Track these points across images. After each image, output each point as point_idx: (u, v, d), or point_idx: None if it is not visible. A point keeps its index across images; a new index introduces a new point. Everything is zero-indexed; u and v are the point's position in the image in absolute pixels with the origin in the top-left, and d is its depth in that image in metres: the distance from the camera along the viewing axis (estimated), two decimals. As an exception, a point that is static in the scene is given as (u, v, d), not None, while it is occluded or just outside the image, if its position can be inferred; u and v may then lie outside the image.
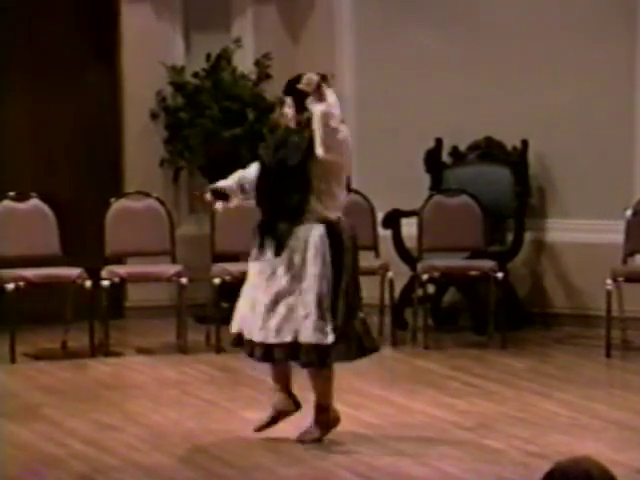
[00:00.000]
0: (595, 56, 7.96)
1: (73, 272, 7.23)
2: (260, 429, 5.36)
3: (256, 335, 5.21)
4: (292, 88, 5.39)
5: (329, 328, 5.13)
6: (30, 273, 7.18)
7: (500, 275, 7.47)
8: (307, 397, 5.42)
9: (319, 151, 5.15)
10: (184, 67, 8.53)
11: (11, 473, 4.88)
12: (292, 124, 5.36)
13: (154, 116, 8.52)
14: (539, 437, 5.37)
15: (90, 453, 5.14)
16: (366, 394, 6.26)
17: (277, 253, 5.19)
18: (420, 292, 7.61)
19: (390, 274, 7.63)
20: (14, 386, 6.46)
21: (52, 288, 7.28)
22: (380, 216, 8.04)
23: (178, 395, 6.23)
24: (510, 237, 8.02)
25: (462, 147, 8.34)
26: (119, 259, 7.66)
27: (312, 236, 5.15)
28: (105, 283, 7.27)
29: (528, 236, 8.07)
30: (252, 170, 5.55)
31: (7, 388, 6.43)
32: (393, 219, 8.10)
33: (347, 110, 8.67)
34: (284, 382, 5.42)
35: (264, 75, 8.49)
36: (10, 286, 7.07)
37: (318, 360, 5.18)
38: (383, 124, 8.52)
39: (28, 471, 4.89)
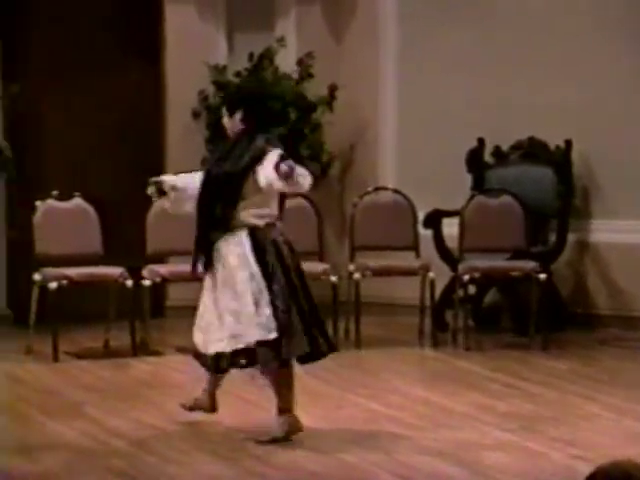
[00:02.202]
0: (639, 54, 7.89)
1: (115, 271, 7.26)
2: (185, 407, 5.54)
3: (213, 347, 5.35)
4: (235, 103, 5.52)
5: (271, 325, 5.22)
6: (73, 272, 7.22)
7: (543, 276, 7.41)
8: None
9: (277, 184, 5.20)
10: (226, 66, 8.55)
11: (53, 470, 4.90)
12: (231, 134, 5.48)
13: (196, 115, 8.54)
14: (581, 439, 5.32)
15: (130, 451, 5.16)
16: (407, 395, 6.24)
17: (206, 268, 5.40)
18: (461, 293, 7.57)
19: (431, 274, 7.59)
20: (56, 384, 6.50)
21: (94, 287, 7.32)
22: (421, 216, 8.01)
23: (218, 394, 6.22)
24: (553, 238, 7.96)
25: (505, 147, 8.28)
26: (160, 258, 7.69)
27: (235, 242, 5.31)
28: (146, 282, 7.29)
29: (571, 237, 8.00)
30: (197, 177, 5.53)
31: (50, 386, 6.47)
32: (434, 219, 8.06)
33: (389, 109, 8.70)
34: (215, 385, 5.57)
35: (306, 74, 8.49)
36: (53, 285, 7.11)
37: (267, 357, 5.26)
38: (425, 124, 8.49)
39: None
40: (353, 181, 8.83)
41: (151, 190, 5.59)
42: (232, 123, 5.50)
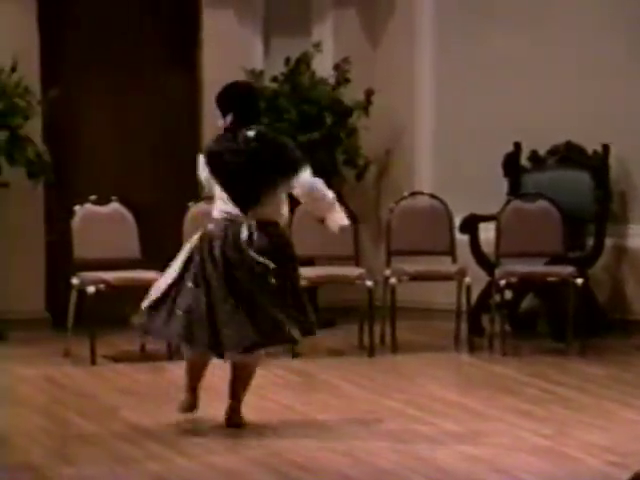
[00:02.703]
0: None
1: (152, 275, 7.26)
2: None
3: None
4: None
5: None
6: (110, 276, 7.26)
7: (579, 281, 7.36)
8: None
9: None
10: (263, 71, 8.57)
11: (91, 472, 4.92)
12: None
13: (232, 120, 8.54)
14: (618, 446, 5.28)
15: (166, 454, 5.18)
16: (442, 400, 6.22)
17: None
18: (498, 298, 7.55)
19: (467, 279, 7.57)
20: (93, 387, 6.54)
21: (132, 291, 7.34)
22: (457, 221, 7.99)
23: (254, 399, 6.23)
24: (590, 242, 7.91)
25: (541, 151, 8.24)
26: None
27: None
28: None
29: (609, 241, 7.95)
30: None
31: (87, 389, 6.51)
32: (471, 224, 8.03)
33: (426, 114, 8.68)
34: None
35: (343, 79, 8.49)
36: (91, 289, 7.15)
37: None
38: (461, 128, 8.47)
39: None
40: (389, 186, 8.82)
41: None
42: (224, 123, 5.71)
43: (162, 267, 7.26)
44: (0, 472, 4.90)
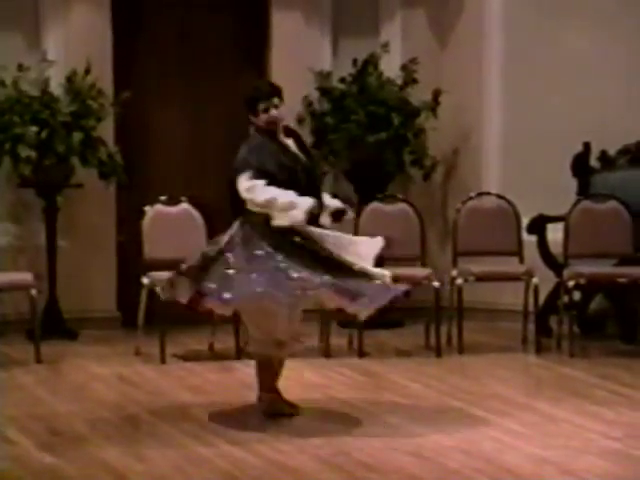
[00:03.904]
0: None
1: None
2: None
3: None
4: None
5: None
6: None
7: (650, 282, 7.29)
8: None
9: None
10: (331, 72, 8.59)
11: (162, 470, 4.99)
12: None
13: (300, 121, 8.59)
14: (689, 449, 5.23)
15: (235, 453, 5.22)
16: (510, 402, 6.19)
17: None
18: (566, 299, 7.49)
19: (535, 280, 7.53)
20: (163, 386, 6.61)
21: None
22: (525, 221, 7.95)
23: (322, 398, 6.27)
24: (661, 244, 7.82)
25: (611, 151, 8.17)
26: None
27: None
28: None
29: (680, 243, 7.85)
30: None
31: (157, 388, 6.58)
32: (539, 224, 7.99)
33: (494, 114, 8.64)
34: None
35: (410, 80, 8.48)
36: (159, 289, 7.22)
37: None
38: (530, 127, 8.42)
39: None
40: (456, 186, 8.79)
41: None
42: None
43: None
44: (76, 469, 4.98)
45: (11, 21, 8.13)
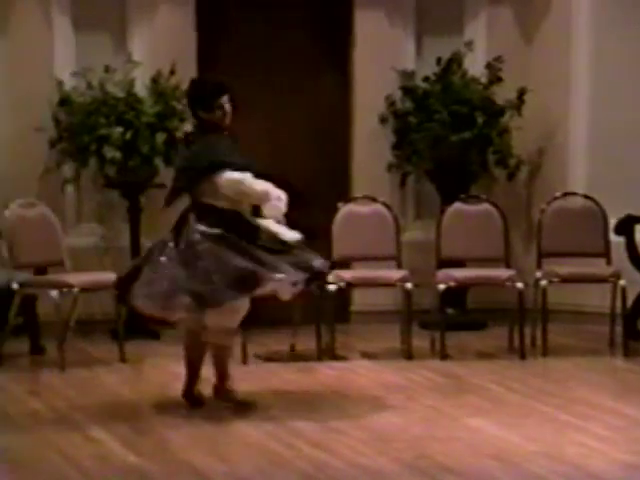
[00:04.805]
0: None
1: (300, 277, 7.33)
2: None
3: None
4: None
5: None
6: (260, 276, 7.32)
7: None
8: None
9: None
10: (414, 71, 8.54)
11: (243, 471, 4.98)
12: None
13: (383, 120, 8.56)
14: None
15: (316, 455, 5.20)
16: (596, 406, 6.08)
17: None
18: (655, 301, 7.35)
19: (622, 282, 7.39)
20: (245, 387, 6.61)
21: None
22: (613, 222, 7.80)
23: (403, 400, 6.23)
24: None
25: (702, 150, 8.00)
26: (345, 263, 7.73)
27: None
28: (331, 287, 7.34)
29: None
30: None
31: (239, 388, 6.57)
32: (627, 225, 7.83)
33: (580, 113, 8.50)
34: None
35: (495, 78, 8.39)
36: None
37: None
38: (617, 126, 8.28)
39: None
40: (541, 186, 8.68)
41: None
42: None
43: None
44: (159, 468, 5.01)
45: (98, 23, 8.23)
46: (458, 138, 8.20)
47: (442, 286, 7.37)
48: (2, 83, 8.05)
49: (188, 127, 6.79)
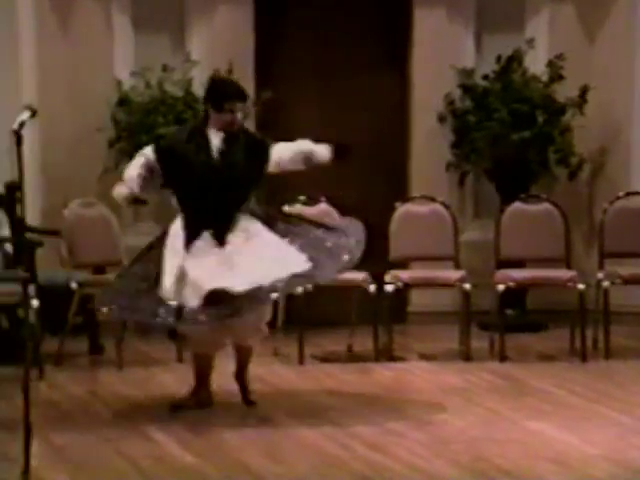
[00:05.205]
0: None
1: (358, 276, 7.30)
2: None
3: None
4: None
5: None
6: (317, 276, 7.30)
7: None
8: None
9: None
10: (474, 69, 8.47)
11: (300, 472, 4.96)
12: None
13: (441, 119, 8.50)
14: None
15: (373, 457, 5.17)
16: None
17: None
18: None
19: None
20: (302, 387, 6.61)
21: (338, 292, 7.39)
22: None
23: (461, 402, 6.17)
24: None
25: None
26: (403, 263, 7.68)
27: None
28: (389, 288, 7.29)
29: None
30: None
31: (295, 389, 6.58)
32: None
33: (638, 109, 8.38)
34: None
35: (556, 76, 8.29)
36: (299, 290, 7.20)
37: None
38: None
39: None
40: (604, 185, 8.55)
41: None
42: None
43: (367, 268, 7.31)
44: (216, 469, 5.01)
45: (157, 23, 8.28)
46: (518, 137, 8.11)
47: (501, 287, 7.29)
48: (63, 83, 8.11)
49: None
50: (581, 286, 7.28)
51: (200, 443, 5.41)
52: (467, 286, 7.30)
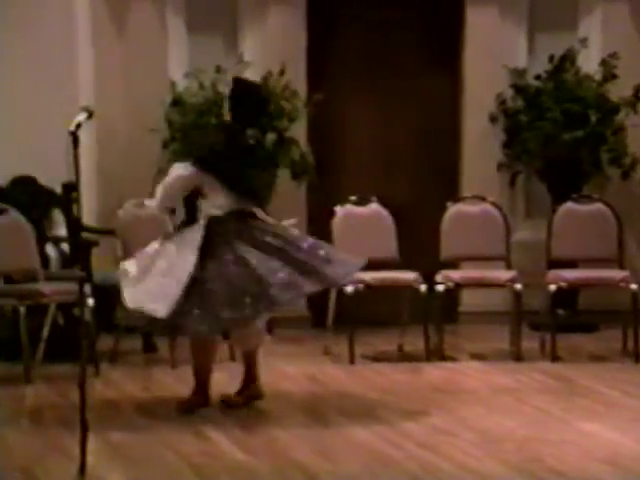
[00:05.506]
0: None
1: (409, 276, 7.32)
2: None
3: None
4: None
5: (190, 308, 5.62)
6: (368, 276, 7.31)
7: None
8: None
9: None
10: (526, 69, 8.44)
11: (352, 471, 4.99)
12: None
13: (493, 119, 8.48)
14: None
15: (424, 456, 5.17)
16: None
17: None
18: None
19: None
20: (352, 386, 6.63)
21: (389, 291, 7.41)
22: None
23: (512, 402, 6.16)
24: None
25: None
26: (454, 263, 7.68)
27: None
28: (440, 287, 7.30)
29: None
30: None
31: (346, 388, 6.60)
32: None
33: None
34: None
35: (610, 75, 8.24)
36: (350, 289, 7.24)
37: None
38: None
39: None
40: (657, 185, 8.50)
41: None
42: None
43: (418, 267, 7.33)
44: (267, 466, 5.05)
45: (211, 25, 8.35)
46: (570, 137, 8.08)
47: (553, 287, 7.27)
48: (118, 85, 8.20)
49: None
50: (634, 286, 7.24)
51: (252, 440, 5.44)
52: (518, 286, 7.28)
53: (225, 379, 6.75)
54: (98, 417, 5.52)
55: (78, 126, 4.91)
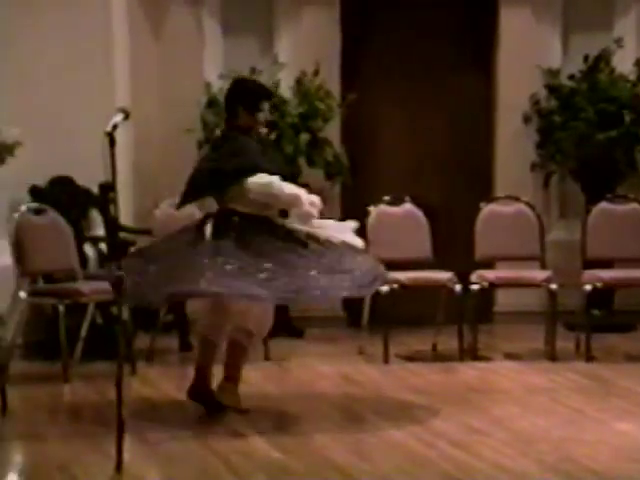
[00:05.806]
0: None
1: (444, 276, 7.33)
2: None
3: None
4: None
5: None
6: (403, 276, 7.34)
7: None
8: None
9: None
10: (560, 70, 8.42)
11: (386, 471, 5.01)
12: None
13: (527, 120, 8.47)
14: None
15: (458, 456, 5.18)
16: None
17: None
18: None
19: None
20: (386, 386, 6.64)
21: (423, 291, 7.43)
22: None
23: (546, 402, 6.16)
24: None
25: None
26: (489, 263, 7.69)
27: None
28: (474, 287, 7.30)
29: None
30: None
31: (380, 387, 6.62)
32: None
33: None
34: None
35: (645, 75, 8.23)
36: (384, 289, 7.26)
37: None
38: None
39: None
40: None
41: None
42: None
43: (453, 267, 7.34)
44: (303, 465, 5.08)
45: (246, 26, 8.39)
46: (604, 137, 8.05)
47: (588, 287, 7.25)
48: (154, 86, 8.27)
49: (217, 132, 6.82)
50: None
51: (287, 440, 5.47)
52: (553, 286, 7.28)
53: (259, 378, 6.80)
54: (135, 415, 5.57)
55: (114, 127, 4.95)
